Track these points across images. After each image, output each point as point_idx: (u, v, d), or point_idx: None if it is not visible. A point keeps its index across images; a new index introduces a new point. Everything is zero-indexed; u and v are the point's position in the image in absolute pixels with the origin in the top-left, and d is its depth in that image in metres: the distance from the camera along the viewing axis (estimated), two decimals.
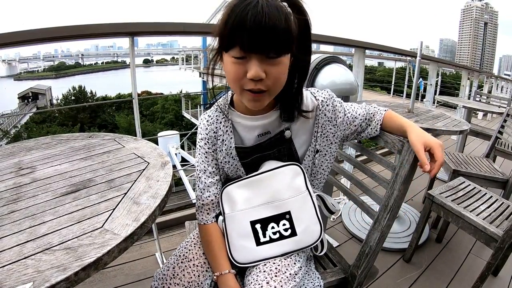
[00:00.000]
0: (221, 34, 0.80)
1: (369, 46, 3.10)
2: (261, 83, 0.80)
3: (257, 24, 0.73)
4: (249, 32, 0.74)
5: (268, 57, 0.78)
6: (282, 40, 0.77)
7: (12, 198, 0.84)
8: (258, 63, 0.78)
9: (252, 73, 0.78)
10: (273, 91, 0.85)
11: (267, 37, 0.75)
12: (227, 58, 0.82)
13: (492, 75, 10.20)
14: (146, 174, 0.96)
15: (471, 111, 3.95)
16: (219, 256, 0.95)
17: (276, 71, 0.81)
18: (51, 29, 1.62)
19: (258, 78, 0.78)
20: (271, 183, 0.96)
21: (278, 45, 0.77)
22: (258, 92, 0.82)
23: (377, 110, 1.06)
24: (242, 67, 0.79)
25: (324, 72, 1.66)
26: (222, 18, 0.79)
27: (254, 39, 0.75)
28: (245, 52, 0.77)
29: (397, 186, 0.98)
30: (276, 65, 0.80)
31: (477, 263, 2.13)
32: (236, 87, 0.84)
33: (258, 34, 0.74)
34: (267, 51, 0.77)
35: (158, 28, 2.01)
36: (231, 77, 0.83)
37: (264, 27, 0.73)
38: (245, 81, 0.81)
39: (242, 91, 0.84)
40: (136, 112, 1.93)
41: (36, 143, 1.26)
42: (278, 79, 0.83)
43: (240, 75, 0.80)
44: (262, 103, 0.86)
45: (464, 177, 2.35)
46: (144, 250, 2.17)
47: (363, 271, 1.07)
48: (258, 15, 0.73)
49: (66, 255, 0.61)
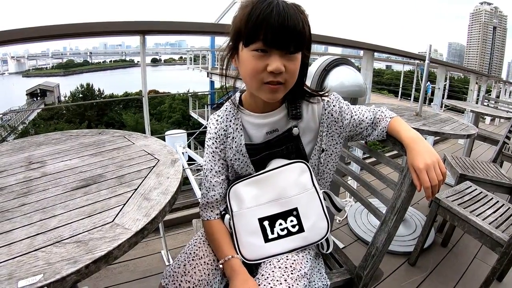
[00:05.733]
0: (242, 29, 0.84)
1: (377, 49, 3.09)
2: (280, 76, 0.85)
3: (281, 21, 0.80)
4: (273, 29, 0.80)
5: (287, 53, 0.84)
6: (300, 38, 0.84)
7: (22, 192, 0.85)
8: (279, 57, 0.84)
9: (274, 66, 0.83)
10: (289, 84, 0.90)
11: (289, 34, 0.81)
12: (247, 53, 0.86)
13: (500, 80, 10.13)
14: (156, 171, 0.97)
15: (478, 115, 3.93)
16: (222, 244, 0.97)
17: (293, 66, 0.87)
18: (64, 26, 1.64)
19: (278, 71, 0.84)
20: (278, 181, 0.98)
21: (296, 42, 0.84)
22: (277, 84, 0.86)
23: (384, 116, 1.05)
24: (262, 62, 0.84)
25: (333, 73, 1.67)
26: (242, 15, 0.84)
27: (277, 35, 0.81)
28: (267, 46, 0.83)
29: (405, 187, 0.98)
30: (293, 60, 0.86)
31: (482, 268, 2.12)
32: (255, 80, 0.87)
33: (281, 31, 0.81)
34: (287, 47, 0.83)
35: (169, 27, 2.02)
36: (250, 71, 0.87)
37: (287, 25, 0.80)
38: (264, 75, 0.85)
39: (261, 85, 0.87)
40: (145, 110, 1.94)
41: (46, 139, 1.27)
42: (294, 72, 0.89)
43: (260, 69, 0.85)
44: (279, 95, 0.90)
45: (471, 181, 2.34)
46: (150, 247, 2.19)
47: (369, 272, 1.07)
48: (282, 14, 0.80)
49: (76, 248, 0.61)
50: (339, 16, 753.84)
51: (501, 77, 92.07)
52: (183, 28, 2.08)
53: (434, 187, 0.88)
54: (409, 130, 0.99)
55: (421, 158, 0.90)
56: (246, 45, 0.85)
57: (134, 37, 1.80)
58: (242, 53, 0.88)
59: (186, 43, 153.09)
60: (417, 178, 0.90)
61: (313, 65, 1.74)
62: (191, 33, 2.19)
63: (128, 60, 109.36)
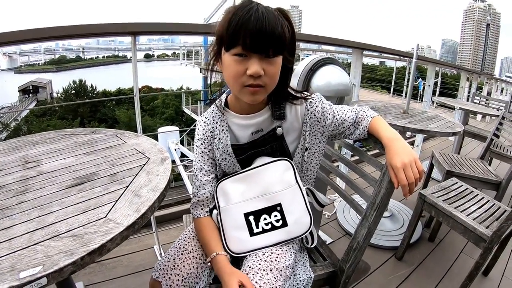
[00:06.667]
0: (223, 34, 0.88)
1: (366, 47, 3.13)
2: (260, 79, 0.88)
3: (259, 27, 0.83)
4: (252, 33, 0.83)
5: (266, 57, 0.88)
6: (278, 42, 0.87)
7: (20, 190, 0.90)
8: (258, 61, 0.87)
9: (252, 70, 0.86)
10: (269, 87, 0.93)
11: (267, 38, 0.85)
12: (228, 57, 0.89)
13: (492, 77, 10.21)
14: (147, 169, 1.02)
15: (468, 113, 3.98)
16: (210, 241, 1.01)
17: (272, 69, 0.90)
18: (57, 28, 1.66)
19: (257, 75, 0.87)
20: (263, 177, 1.02)
21: (275, 46, 0.87)
22: (257, 87, 0.90)
23: (366, 116, 1.09)
24: (243, 65, 0.88)
25: (320, 73, 1.71)
26: (224, 20, 0.88)
27: (255, 40, 0.84)
28: (246, 51, 0.86)
29: (384, 184, 1.03)
30: (272, 64, 0.89)
31: (469, 263, 2.15)
32: (236, 84, 0.91)
33: (259, 36, 0.84)
34: (266, 51, 0.87)
35: (159, 28, 2.07)
36: (231, 75, 0.90)
37: (265, 30, 0.83)
38: (244, 78, 0.89)
39: (242, 88, 0.91)
40: (137, 108, 1.97)
41: (40, 138, 1.31)
42: (273, 76, 0.92)
43: (241, 73, 0.88)
44: (260, 97, 0.94)
45: (458, 178, 2.38)
46: (142, 242, 2.22)
47: (351, 265, 1.11)
48: (260, 19, 0.83)
49: (73, 242, 0.66)
50: (334, 12, 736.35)
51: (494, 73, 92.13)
52: (173, 29, 2.12)
53: (411, 184, 0.92)
54: (388, 130, 1.03)
55: (398, 157, 0.94)
56: (227, 49, 0.89)
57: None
58: (224, 57, 0.91)
59: (179, 38, 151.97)
60: (395, 176, 0.94)
61: (299, 64, 1.77)
62: (181, 34, 2.23)
63: (121, 55, 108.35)
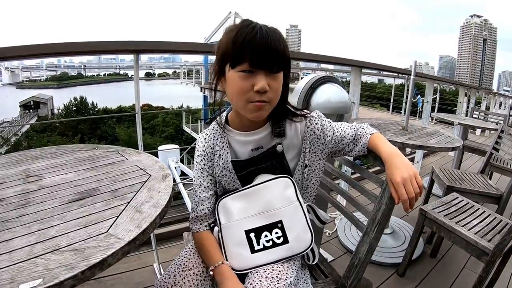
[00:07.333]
0: (229, 52, 0.90)
1: (365, 65, 3.17)
2: (265, 95, 0.90)
3: (265, 43, 0.87)
4: (258, 50, 0.87)
5: (271, 73, 0.90)
6: (281, 58, 0.91)
7: (21, 203, 0.90)
8: (264, 77, 0.89)
9: (260, 86, 0.88)
10: (273, 102, 0.95)
11: (272, 55, 0.88)
12: (233, 74, 0.91)
13: (490, 91, 10.26)
14: (148, 186, 1.02)
15: (467, 127, 4.00)
16: (212, 252, 1.01)
17: (276, 85, 0.93)
18: (59, 44, 1.69)
19: (264, 90, 0.89)
20: (264, 194, 1.02)
21: (279, 62, 0.90)
22: (263, 102, 0.91)
23: (365, 132, 1.10)
24: (249, 81, 0.89)
25: (319, 91, 1.73)
26: (227, 38, 0.91)
27: (262, 56, 0.87)
28: (253, 67, 0.88)
29: (385, 200, 1.03)
30: (276, 79, 0.92)
31: (472, 278, 2.12)
32: (242, 100, 0.92)
33: (266, 52, 0.87)
34: (271, 67, 0.89)
35: (161, 46, 2.09)
36: (237, 91, 0.92)
37: (270, 46, 0.87)
38: (251, 94, 0.90)
39: (247, 103, 0.92)
40: (139, 126, 1.97)
41: (42, 153, 1.32)
42: (277, 90, 0.94)
43: (247, 88, 0.90)
44: (265, 113, 0.95)
45: (458, 192, 2.37)
46: (142, 260, 2.20)
47: (352, 282, 1.11)
48: (265, 37, 0.87)
49: (73, 256, 0.66)
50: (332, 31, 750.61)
51: (492, 88, 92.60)
52: (174, 48, 2.16)
53: (412, 199, 0.92)
54: (387, 146, 1.04)
55: (398, 172, 0.94)
56: (233, 66, 0.90)
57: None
58: (229, 74, 0.92)
59: (180, 57, 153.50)
60: (395, 191, 0.94)
61: (299, 83, 1.80)
62: (183, 52, 2.26)
63: (122, 73, 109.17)
